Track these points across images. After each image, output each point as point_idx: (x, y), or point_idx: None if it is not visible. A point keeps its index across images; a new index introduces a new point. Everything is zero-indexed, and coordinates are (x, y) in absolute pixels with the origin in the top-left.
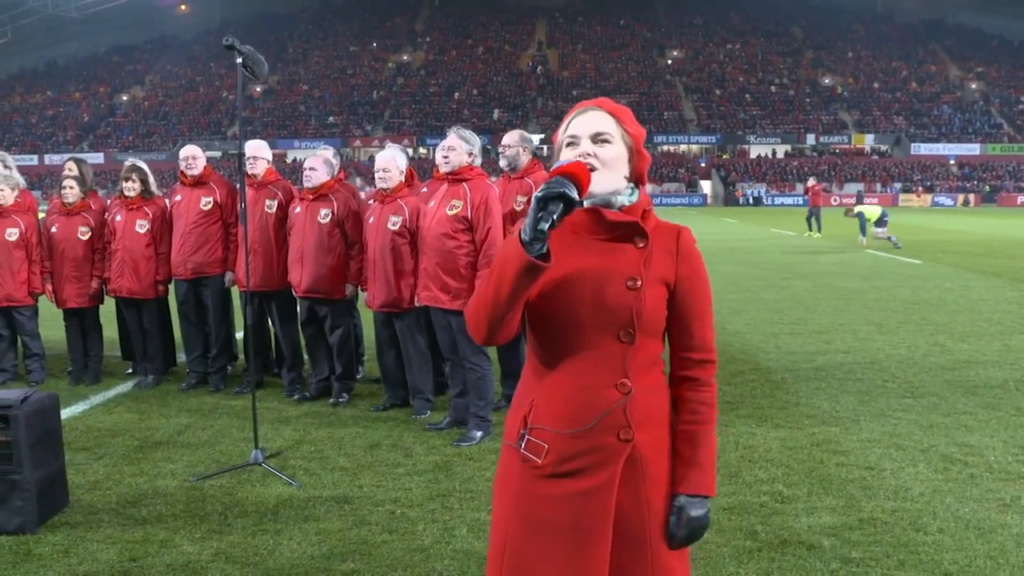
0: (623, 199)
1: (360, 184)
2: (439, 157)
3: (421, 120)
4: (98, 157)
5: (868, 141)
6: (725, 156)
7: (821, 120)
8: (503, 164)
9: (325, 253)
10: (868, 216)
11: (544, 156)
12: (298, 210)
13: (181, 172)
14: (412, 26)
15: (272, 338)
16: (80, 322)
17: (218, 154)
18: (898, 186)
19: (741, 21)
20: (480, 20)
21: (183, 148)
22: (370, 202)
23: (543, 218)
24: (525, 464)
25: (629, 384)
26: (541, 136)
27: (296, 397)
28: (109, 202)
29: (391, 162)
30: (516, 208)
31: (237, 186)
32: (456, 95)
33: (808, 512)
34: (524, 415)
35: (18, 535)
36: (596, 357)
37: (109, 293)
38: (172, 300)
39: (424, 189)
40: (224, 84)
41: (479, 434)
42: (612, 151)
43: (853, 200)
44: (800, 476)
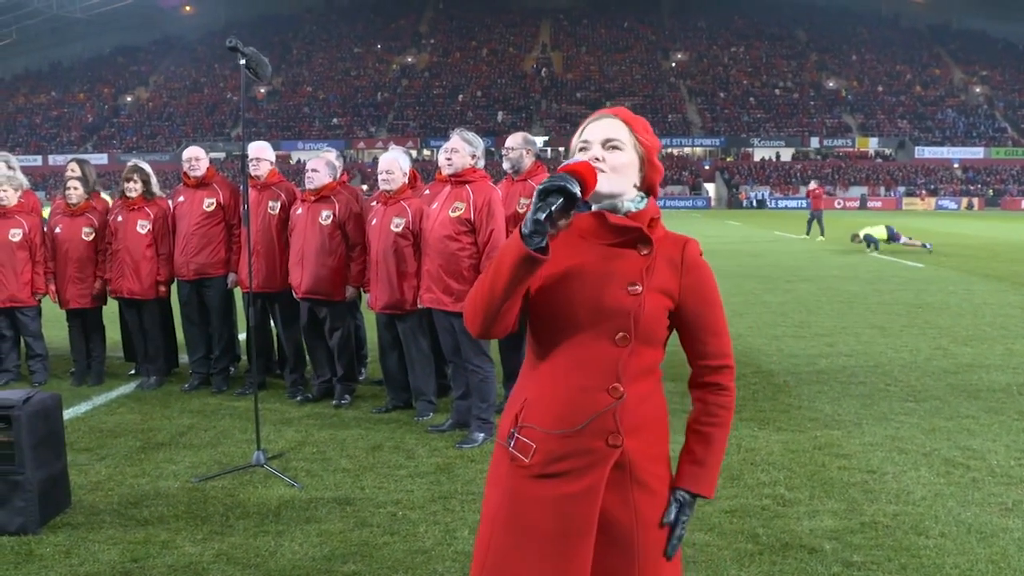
0: (629, 204)
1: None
2: (442, 159)
3: (425, 122)
4: (102, 158)
5: (872, 144)
6: (729, 159)
7: (825, 123)
8: (506, 166)
9: (326, 255)
10: (877, 236)
11: (547, 159)
12: (299, 211)
13: (184, 173)
14: (416, 28)
15: (274, 339)
16: (83, 323)
17: (222, 155)
18: (902, 190)
19: (745, 24)
20: (484, 22)
21: (186, 149)
22: (373, 204)
23: (540, 208)
24: (513, 463)
25: (621, 389)
26: (545, 138)
27: (298, 398)
28: (111, 203)
29: (394, 164)
30: (519, 210)
31: (240, 187)
32: (460, 97)
33: (810, 515)
34: (516, 413)
35: (20, 536)
36: (591, 359)
37: (110, 294)
38: (174, 301)
39: (427, 191)
40: (228, 85)
41: (481, 436)
42: (622, 158)
43: (856, 204)
44: (802, 479)
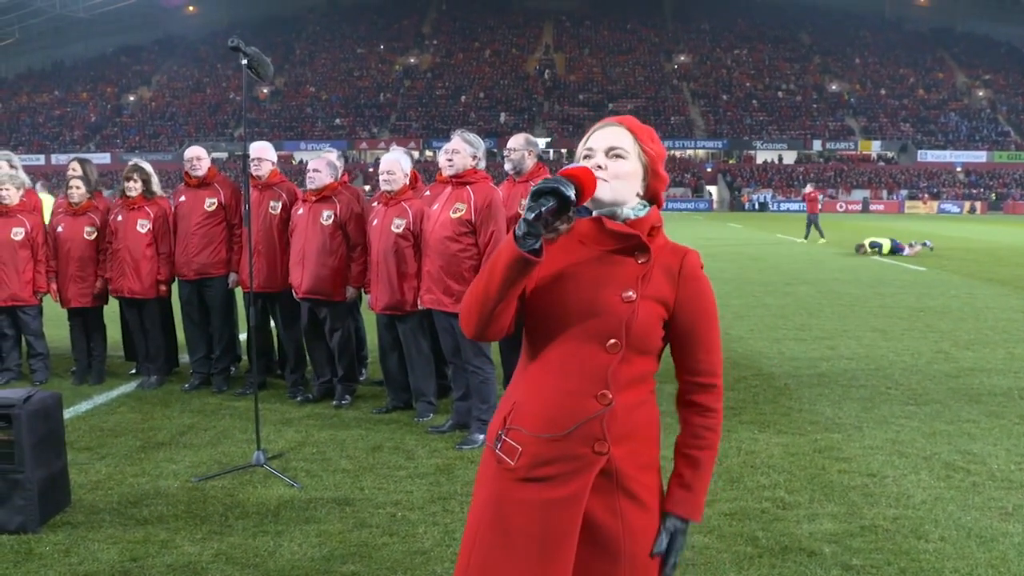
0: (629, 212)
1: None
2: (443, 160)
3: (427, 123)
4: (104, 157)
5: (875, 148)
6: (731, 161)
7: (828, 126)
8: (508, 167)
9: (326, 255)
10: (885, 249)
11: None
12: (301, 211)
13: (186, 173)
14: (419, 29)
15: (275, 339)
16: (84, 322)
17: (224, 155)
18: (904, 193)
19: (748, 27)
20: (487, 23)
21: (187, 149)
22: (374, 204)
23: (531, 209)
24: (500, 466)
25: (610, 396)
26: (547, 140)
27: (299, 399)
28: (114, 202)
29: (395, 164)
30: (520, 212)
31: (241, 187)
32: (463, 98)
33: (809, 519)
34: (505, 415)
35: (19, 534)
36: (581, 364)
37: (111, 293)
38: (175, 300)
39: (427, 192)
40: (231, 85)
41: (481, 437)
42: (624, 166)
43: (859, 207)
44: (802, 482)
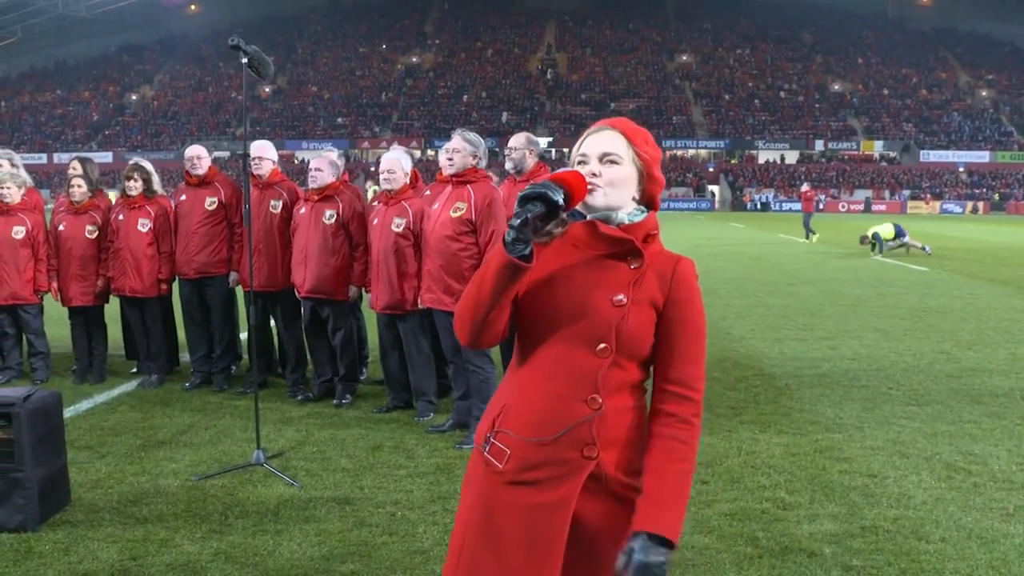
0: (623, 217)
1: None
2: (443, 159)
3: (429, 122)
4: (107, 156)
5: (877, 148)
6: (733, 161)
7: (830, 126)
8: (508, 166)
9: (329, 254)
10: (884, 236)
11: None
12: (303, 211)
13: (186, 172)
14: (421, 28)
15: (276, 339)
16: (85, 321)
17: (226, 154)
18: (907, 193)
19: (751, 26)
20: (490, 23)
21: (188, 148)
22: (374, 203)
23: (518, 215)
24: (488, 468)
25: (600, 401)
26: (549, 139)
27: (299, 398)
28: (115, 201)
29: (396, 163)
30: None
31: (242, 186)
32: (465, 97)
33: (810, 519)
34: (494, 418)
35: (19, 533)
36: (571, 368)
37: (112, 292)
38: (175, 299)
39: (427, 192)
40: (233, 84)
41: None
42: (619, 172)
43: (861, 207)
44: (802, 483)
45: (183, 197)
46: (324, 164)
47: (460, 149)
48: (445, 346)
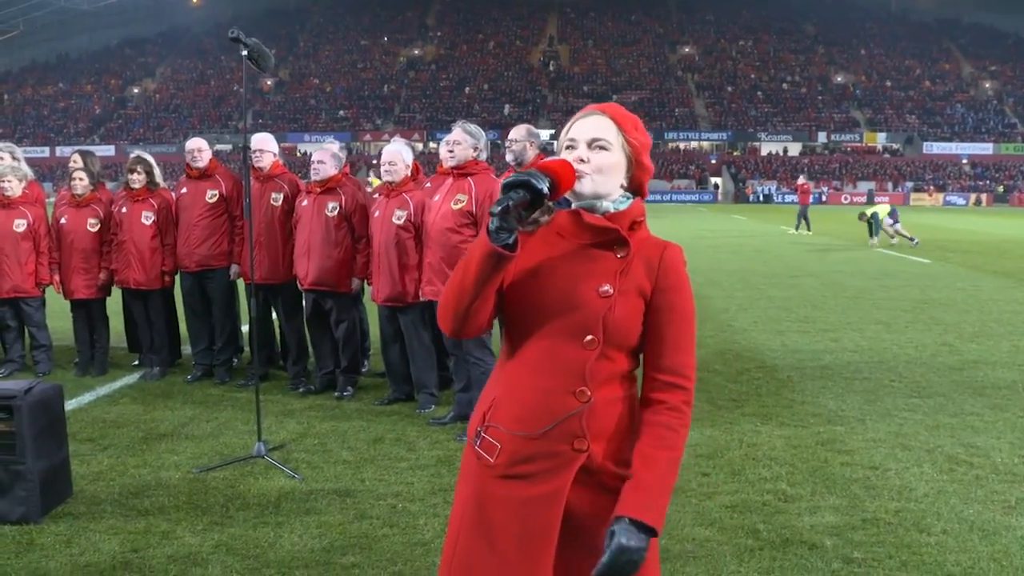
0: (610, 205)
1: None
2: (443, 151)
3: (431, 114)
4: (109, 149)
5: (880, 139)
6: (736, 153)
7: (833, 118)
8: (509, 158)
9: (332, 246)
10: (881, 215)
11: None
12: (305, 203)
13: (187, 165)
14: (423, 20)
15: (277, 331)
16: (87, 313)
17: (228, 147)
18: (910, 185)
19: (753, 18)
20: (491, 15)
21: (189, 141)
22: (375, 196)
23: (499, 202)
24: (480, 462)
25: (588, 393)
26: (551, 132)
27: (301, 390)
28: (116, 194)
29: (397, 156)
30: None
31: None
32: (467, 90)
33: (811, 511)
34: (484, 412)
35: (21, 525)
36: (559, 361)
37: (116, 284)
38: (177, 292)
39: (427, 184)
40: (235, 77)
41: None
42: (607, 158)
43: (864, 199)
44: (804, 475)
45: (184, 190)
46: (326, 156)
47: (461, 141)
48: (446, 339)
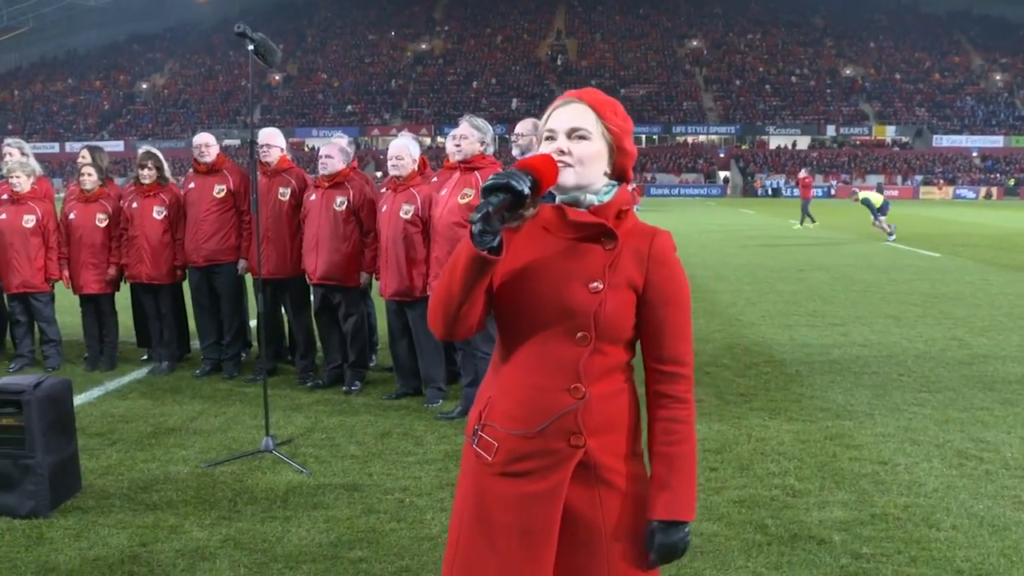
0: (593, 198)
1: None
2: (450, 145)
3: (439, 109)
4: (118, 145)
5: (889, 133)
6: (744, 147)
7: (842, 111)
8: (516, 153)
9: (340, 241)
10: (874, 202)
11: None
12: (313, 198)
13: (195, 160)
14: (431, 14)
15: (285, 325)
16: (96, 308)
17: (237, 142)
18: (919, 178)
19: (761, 11)
20: (499, 9)
21: (196, 136)
22: (383, 190)
23: (480, 207)
24: (478, 460)
25: (583, 389)
26: None
27: (309, 384)
28: (124, 189)
29: (404, 150)
30: None
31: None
32: (474, 84)
33: (819, 506)
34: (480, 411)
35: (31, 519)
36: (552, 359)
37: (127, 279)
38: (186, 287)
39: (435, 178)
40: (243, 73)
41: None
42: (588, 148)
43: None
44: (812, 470)
45: (192, 185)
46: (334, 151)
47: (468, 135)
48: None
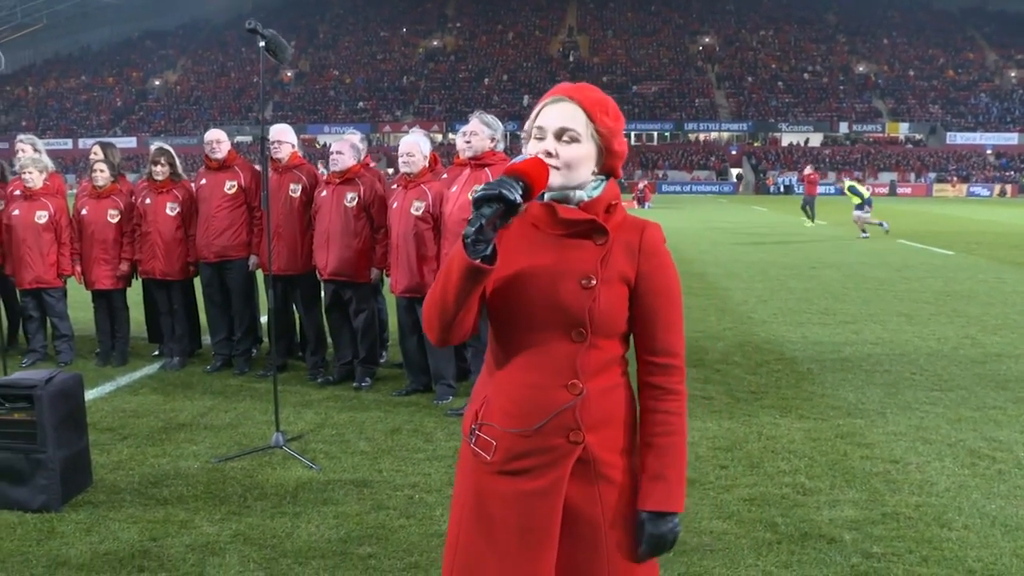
0: (582, 193)
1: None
2: (460, 142)
3: (451, 106)
4: (131, 141)
5: (902, 130)
6: (756, 144)
7: (855, 108)
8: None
9: (351, 237)
10: (862, 192)
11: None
12: (324, 194)
13: (206, 156)
14: (442, 11)
15: (296, 322)
16: (108, 304)
17: (248, 139)
18: (932, 176)
19: (774, 7)
20: (511, 5)
21: (208, 132)
22: (394, 187)
23: (472, 220)
24: (476, 459)
25: (580, 385)
26: None
27: (319, 380)
28: (136, 185)
29: (415, 147)
30: None
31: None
32: (486, 80)
33: (830, 505)
34: (476, 410)
35: (42, 513)
36: (547, 356)
37: (140, 275)
38: (197, 282)
39: (445, 175)
40: (255, 69)
41: None
42: (577, 151)
43: (886, 190)
44: (823, 468)
45: (203, 181)
46: (345, 147)
47: (478, 132)
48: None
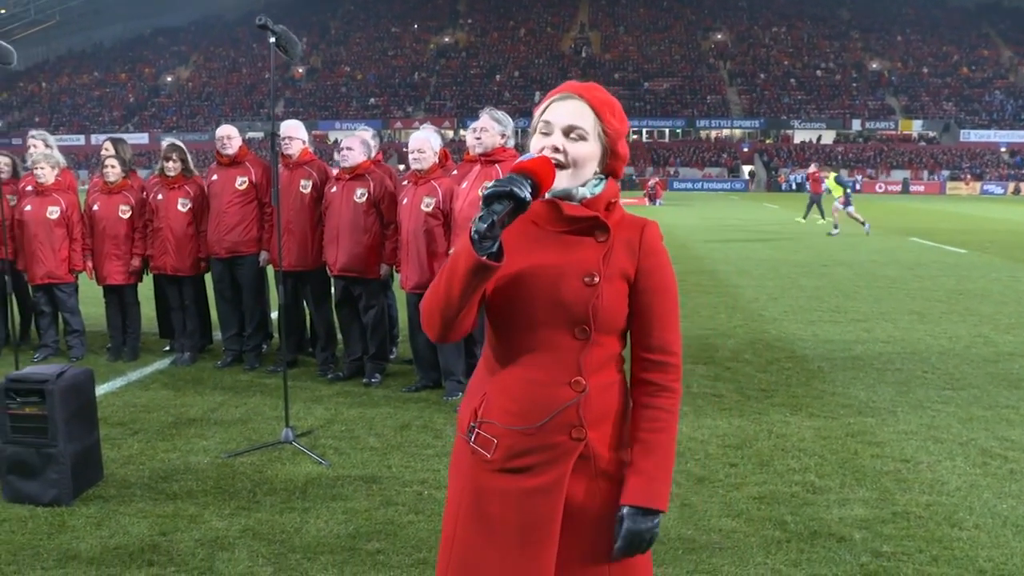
0: (584, 191)
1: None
2: (470, 138)
3: (462, 102)
4: (143, 137)
5: (916, 127)
6: (768, 141)
7: (867, 105)
8: None
9: (361, 233)
10: (832, 189)
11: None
12: (334, 190)
13: (217, 152)
14: (454, 7)
15: (307, 318)
16: (119, 299)
17: (260, 135)
18: (946, 174)
19: (787, 3)
20: (522, 1)
21: (219, 128)
22: (404, 183)
23: (483, 217)
24: (475, 457)
25: (583, 382)
26: None
27: (329, 376)
28: (148, 181)
29: (425, 143)
30: None
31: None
32: (497, 77)
33: (840, 504)
34: (475, 408)
35: (53, 507)
36: (550, 354)
37: (151, 271)
38: (207, 278)
39: (455, 171)
40: (266, 66)
41: None
42: (584, 149)
43: (899, 188)
44: (833, 467)
45: (214, 177)
46: (355, 143)
47: (488, 128)
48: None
